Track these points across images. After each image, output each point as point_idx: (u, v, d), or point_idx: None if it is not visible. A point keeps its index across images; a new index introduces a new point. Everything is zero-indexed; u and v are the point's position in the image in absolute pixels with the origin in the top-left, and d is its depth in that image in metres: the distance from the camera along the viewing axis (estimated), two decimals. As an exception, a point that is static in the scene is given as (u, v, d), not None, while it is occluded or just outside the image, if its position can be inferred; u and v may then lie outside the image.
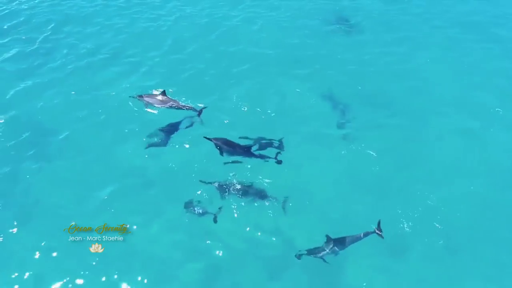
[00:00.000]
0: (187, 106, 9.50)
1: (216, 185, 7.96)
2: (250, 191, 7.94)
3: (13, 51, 11.91)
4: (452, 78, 11.17)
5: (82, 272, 6.90)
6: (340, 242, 7.10)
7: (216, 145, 8.49)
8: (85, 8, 14.01)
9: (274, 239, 7.43)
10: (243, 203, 7.79)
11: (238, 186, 7.97)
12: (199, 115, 9.33)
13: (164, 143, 8.89)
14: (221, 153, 8.49)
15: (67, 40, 12.39)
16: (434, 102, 10.39)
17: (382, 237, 7.17)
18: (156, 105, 9.51)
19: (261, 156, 8.51)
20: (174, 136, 9.01)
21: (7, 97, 10.25)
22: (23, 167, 8.52)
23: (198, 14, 13.87)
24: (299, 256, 7.09)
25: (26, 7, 14.01)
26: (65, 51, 11.86)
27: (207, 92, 10.31)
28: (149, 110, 9.51)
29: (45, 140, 9.13)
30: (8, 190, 8.12)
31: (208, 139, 8.49)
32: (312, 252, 7.09)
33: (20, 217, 7.70)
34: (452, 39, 12.66)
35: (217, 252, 7.24)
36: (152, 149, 8.78)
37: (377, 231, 7.21)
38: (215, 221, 7.55)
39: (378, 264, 7.20)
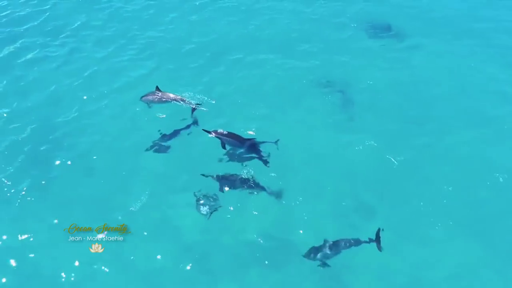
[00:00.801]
0: (184, 100, 9.60)
1: (217, 179, 8.06)
2: (252, 186, 8.00)
3: (29, 55, 11.98)
4: (469, 86, 11.13)
5: (82, 272, 7.05)
6: (338, 246, 7.15)
7: (217, 138, 8.54)
8: (99, 11, 14.06)
9: (278, 240, 7.50)
10: (244, 200, 7.92)
11: (240, 181, 8.04)
12: (192, 112, 9.45)
13: (174, 143, 9.03)
14: (223, 146, 8.54)
15: (84, 44, 12.49)
16: (450, 108, 10.39)
17: (380, 249, 7.14)
18: (156, 102, 9.68)
19: (260, 153, 8.56)
20: (188, 137, 9.15)
21: (28, 102, 10.37)
22: (43, 173, 8.67)
23: (215, 17, 13.85)
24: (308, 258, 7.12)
25: (40, 10, 14.03)
26: (82, 55, 11.97)
27: (226, 98, 10.41)
28: (151, 107, 9.77)
29: (64, 145, 9.26)
30: (30, 194, 8.27)
31: (207, 131, 8.53)
32: (310, 255, 7.14)
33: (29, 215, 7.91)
34: (467, 45, 12.59)
35: (219, 253, 7.37)
36: (163, 150, 8.94)
37: (376, 241, 7.17)
38: (208, 217, 7.70)
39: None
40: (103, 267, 7.15)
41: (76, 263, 7.20)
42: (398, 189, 8.44)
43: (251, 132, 9.23)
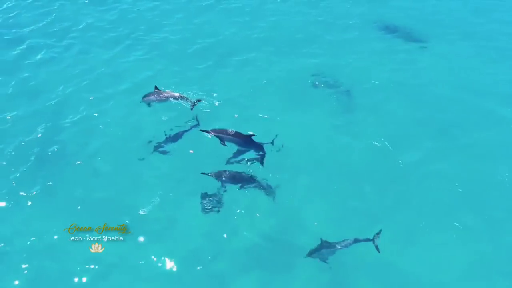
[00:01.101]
0: (185, 98, 9.66)
1: (220, 179, 8.02)
2: (257, 187, 7.99)
3: (36, 57, 12.03)
4: (474, 87, 11.10)
5: (88, 274, 7.07)
6: (341, 246, 7.13)
7: (216, 136, 8.51)
8: (105, 12, 14.14)
9: (282, 242, 7.50)
10: (248, 201, 7.92)
11: (244, 180, 8.01)
12: (192, 108, 9.51)
13: (180, 144, 9.03)
14: (223, 143, 8.50)
15: (90, 45, 12.55)
16: (456, 109, 10.38)
17: (378, 251, 7.12)
18: (157, 101, 9.76)
19: (263, 151, 8.52)
20: (193, 138, 9.10)
21: (35, 103, 10.41)
22: (51, 174, 8.70)
23: (221, 19, 13.89)
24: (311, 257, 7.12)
25: (46, 11, 14.14)
26: (88, 56, 12.03)
27: (231, 99, 10.42)
28: (153, 107, 9.85)
29: (71, 146, 9.30)
30: (38, 195, 8.31)
31: (205, 131, 8.51)
32: (313, 255, 7.14)
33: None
34: (473, 47, 12.58)
35: (223, 255, 7.35)
36: (168, 151, 8.94)
37: (374, 242, 7.14)
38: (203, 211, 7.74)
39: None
40: (106, 269, 7.15)
41: (82, 265, 7.20)
42: (403, 190, 8.42)
43: (254, 133, 9.20)
